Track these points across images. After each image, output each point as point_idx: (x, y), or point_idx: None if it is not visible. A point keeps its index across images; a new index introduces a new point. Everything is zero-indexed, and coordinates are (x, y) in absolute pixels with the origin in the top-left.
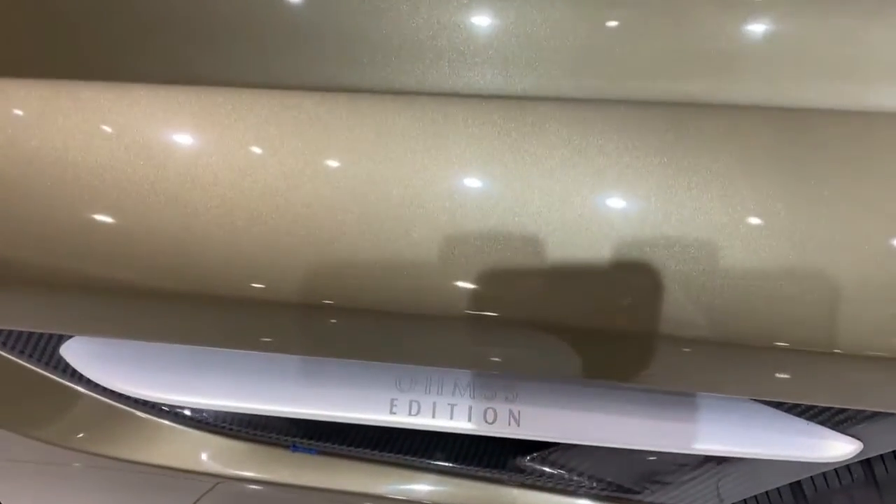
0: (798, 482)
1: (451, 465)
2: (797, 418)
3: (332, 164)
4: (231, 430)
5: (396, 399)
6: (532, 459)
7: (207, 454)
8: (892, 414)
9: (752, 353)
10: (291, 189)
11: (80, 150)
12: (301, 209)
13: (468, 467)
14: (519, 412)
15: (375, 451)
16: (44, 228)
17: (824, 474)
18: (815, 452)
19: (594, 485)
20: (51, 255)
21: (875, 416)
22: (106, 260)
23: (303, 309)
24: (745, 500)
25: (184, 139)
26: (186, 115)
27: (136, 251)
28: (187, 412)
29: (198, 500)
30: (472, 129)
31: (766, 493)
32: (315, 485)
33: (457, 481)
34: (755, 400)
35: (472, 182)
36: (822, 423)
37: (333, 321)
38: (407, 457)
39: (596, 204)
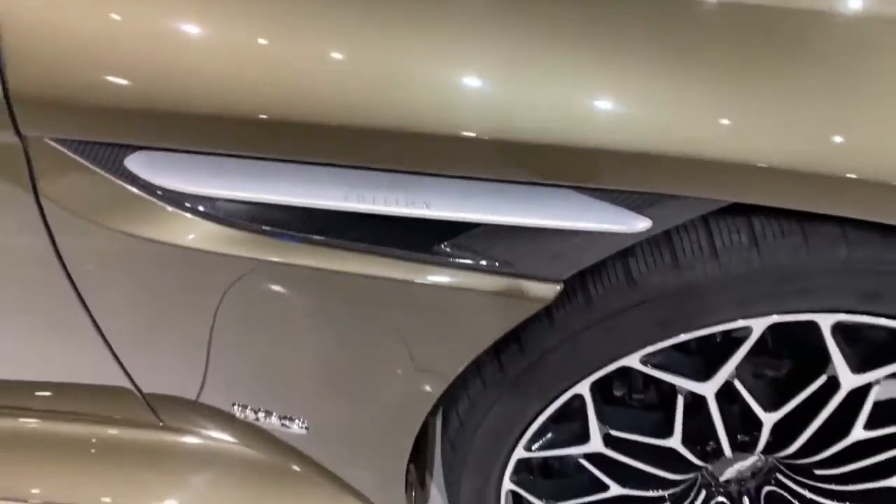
0: (629, 271)
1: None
2: (594, 198)
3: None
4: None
5: (349, 194)
6: (447, 245)
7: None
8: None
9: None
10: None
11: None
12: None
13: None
14: (429, 200)
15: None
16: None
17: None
18: (613, 225)
19: (490, 264)
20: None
21: (663, 197)
22: (159, 87)
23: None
24: (592, 281)
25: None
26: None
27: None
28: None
29: (231, 284)
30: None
31: (609, 279)
32: (309, 264)
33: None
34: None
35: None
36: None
37: (312, 133)
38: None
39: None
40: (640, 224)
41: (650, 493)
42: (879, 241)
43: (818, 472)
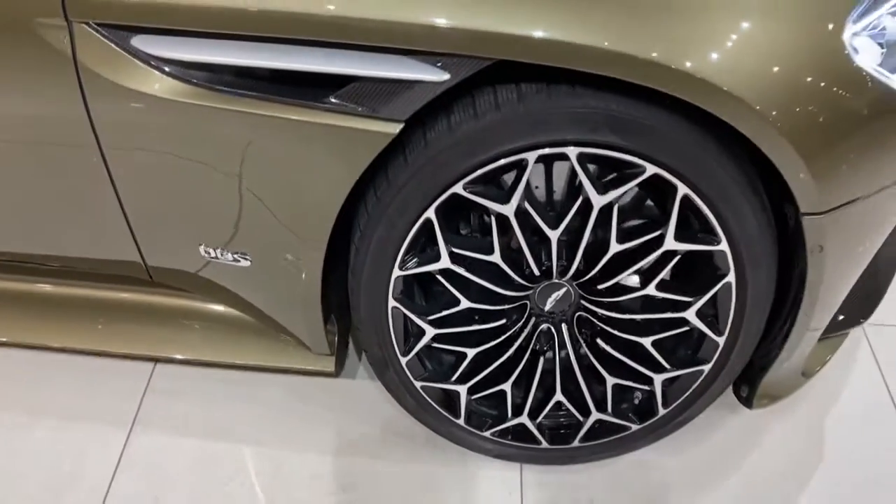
0: (449, 121)
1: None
2: (414, 59)
3: None
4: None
5: (264, 56)
6: (330, 95)
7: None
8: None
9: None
10: None
11: None
12: None
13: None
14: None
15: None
16: None
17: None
18: (426, 76)
19: (355, 108)
20: None
21: (455, 57)
22: None
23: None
24: (429, 130)
25: None
26: None
27: None
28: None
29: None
30: None
31: (439, 127)
32: (237, 109)
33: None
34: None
35: None
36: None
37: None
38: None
39: None
40: (443, 76)
41: (490, 307)
42: (592, 93)
43: (600, 286)
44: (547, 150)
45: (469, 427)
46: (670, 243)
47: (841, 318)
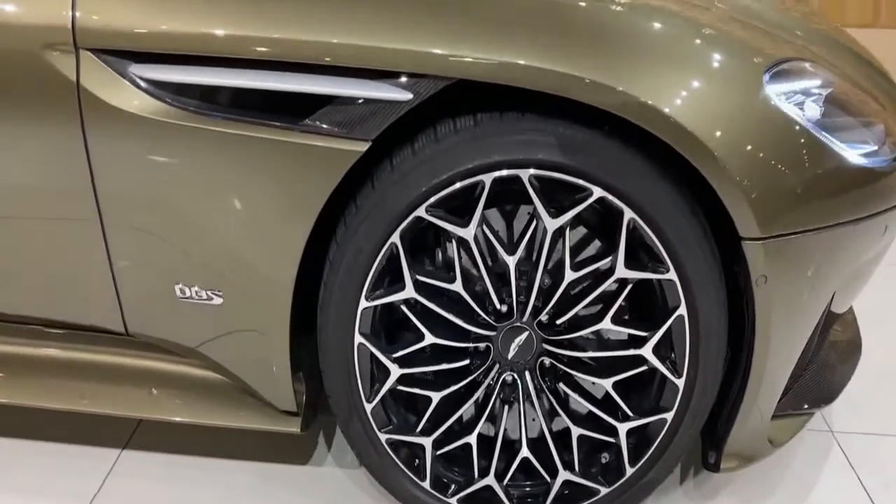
0: (413, 146)
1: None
2: (381, 81)
3: None
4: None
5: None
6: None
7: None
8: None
9: None
10: None
11: None
12: None
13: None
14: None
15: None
16: None
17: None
18: (391, 94)
19: (330, 129)
20: None
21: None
22: None
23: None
24: (395, 155)
25: None
26: None
27: None
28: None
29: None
30: None
31: (404, 153)
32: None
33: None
34: None
35: None
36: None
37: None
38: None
39: None
40: (407, 95)
41: (454, 344)
42: (542, 118)
43: (559, 322)
44: (502, 173)
45: (435, 491)
46: (621, 271)
47: (804, 402)
